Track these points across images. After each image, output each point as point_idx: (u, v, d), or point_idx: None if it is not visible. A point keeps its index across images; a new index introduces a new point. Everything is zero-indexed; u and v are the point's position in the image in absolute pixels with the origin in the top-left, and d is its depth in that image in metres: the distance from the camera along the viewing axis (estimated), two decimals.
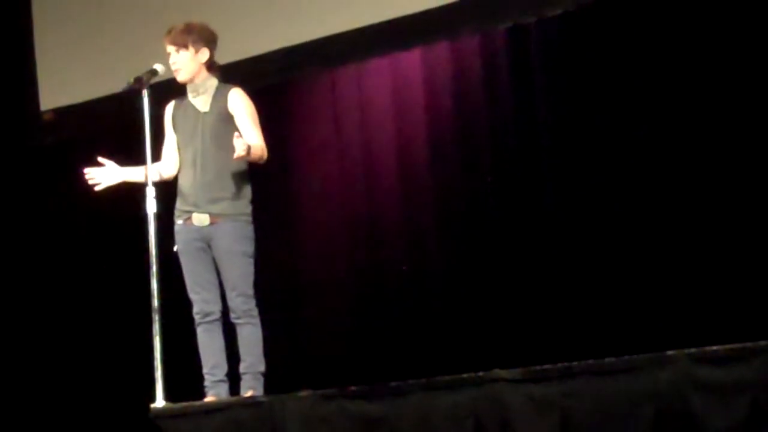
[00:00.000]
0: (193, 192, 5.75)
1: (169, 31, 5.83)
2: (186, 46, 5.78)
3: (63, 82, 7.90)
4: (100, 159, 5.89)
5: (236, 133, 5.57)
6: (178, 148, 5.85)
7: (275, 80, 7.24)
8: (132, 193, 5.89)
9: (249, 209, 5.78)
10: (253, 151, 5.60)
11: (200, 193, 5.73)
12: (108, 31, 7.76)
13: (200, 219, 5.73)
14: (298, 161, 7.37)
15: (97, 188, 5.93)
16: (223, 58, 6.01)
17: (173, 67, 5.80)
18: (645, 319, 6.09)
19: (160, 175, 5.85)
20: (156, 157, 5.81)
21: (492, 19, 6.72)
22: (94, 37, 7.80)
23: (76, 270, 7.96)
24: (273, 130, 6.03)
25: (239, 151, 5.49)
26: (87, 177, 5.90)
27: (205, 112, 5.78)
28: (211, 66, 5.84)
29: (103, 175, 5.90)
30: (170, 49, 5.81)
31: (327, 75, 7.32)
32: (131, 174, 5.89)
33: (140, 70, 5.76)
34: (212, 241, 5.72)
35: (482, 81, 6.85)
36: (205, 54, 5.79)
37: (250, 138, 5.69)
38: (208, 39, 5.82)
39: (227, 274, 5.71)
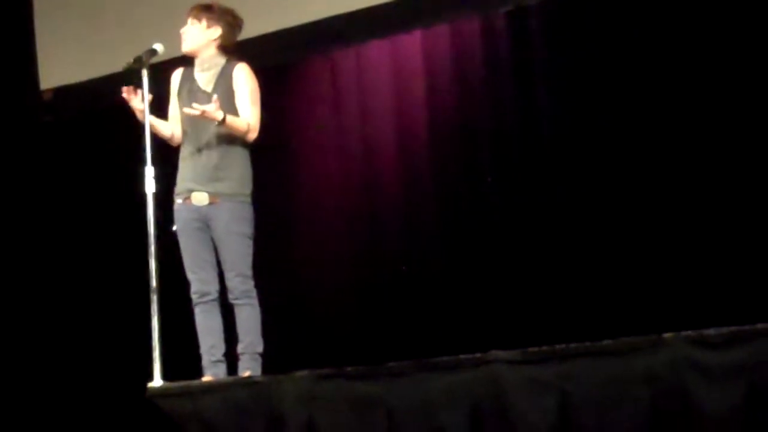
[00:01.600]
0: (194, 171, 5.74)
1: (193, 6, 5.82)
2: (200, 20, 5.77)
3: (63, 62, 7.89)
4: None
5: (214, 97, 5.55)
6: (181, 122, 5.84)
7: (276, 61, 7.23)
8: (132, 172, 5.87)
9: (249, 190, 5.76)
10: (231, 121, 5.58)
11: (200, 172, 5.72)
12: (108, 11, 7.76)
13: (200, 198, 5.72)
14: (297, 142, 7.37)
15: (128, 99, 5.75)
16: None
17: (182, 37, 5.79)
18: (643, 302, 6.11)
19: (173, 133, 5.82)
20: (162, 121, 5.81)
21: (493, 1, 6.72)
22: (94, 16, 7.80)
23: (75, 249, 7.97)
24: (273, 111, 6.02)
25: (207, 107, 5.48)
26: (126, 91, 5.76)
27: (207, 92, 5.76)
28: (223, 47, 5.80)
29: (137, 100, 5.75)
30: (188, 22, 5.80)
31: (327, 57, 7.32)
32: (154, 121, 5.76)
33: (140, 50, 5.73)
34: (211, 221, 5.71)
35: (482, 63, 6.86)
36: (216, 31, 5.77)
37: (244, 113, 5.68)
38: (227, 21, 5.79)
39: (226, 255, 5.70)
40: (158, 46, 5.74)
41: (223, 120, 5.57)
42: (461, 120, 6.93)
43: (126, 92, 5.71)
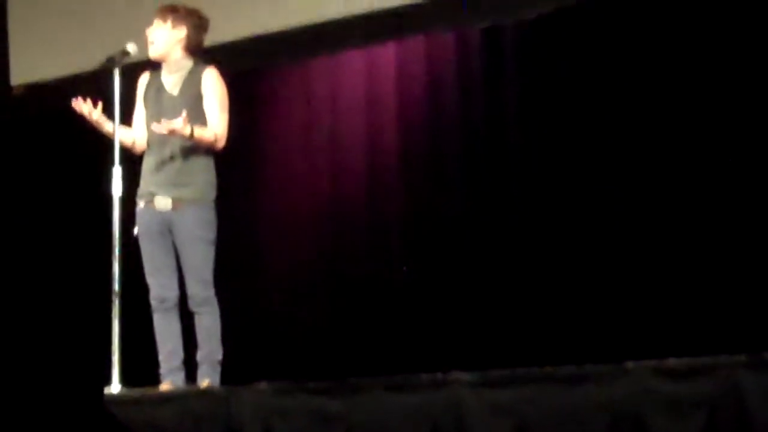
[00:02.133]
0: (157, 175, 5.70)
1: (159, 8, 5.80)
2: (165, 20, 5.74)
3: (35, 58, 7.85)
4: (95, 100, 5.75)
5: (183, 112, 5.53)
6: (146, 126, 5.81)
7: (247, 67, 7.22)
8: (100, 172, 5.83)
9: (213, 195, 5.72)
10: (199, 135, 5.55)
11: (164, 176, 5.67)
12: (82, 9, 7.72)
13: (163, 203, 5.67)
14: (265, 149, 7.35)
15: (76, 108, 5.74)
16: None
17: (148, 40, 5.76)
18: (606, 330, 6.12)
19: (134, 141, 5.79)
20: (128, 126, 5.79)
21: (468, 18, 6.73)
22: (68, 14, 7.76)
23: (39, 248, 7.91)
24: (242, 117, 5.99)
25: (176, 125, 5.46)
26: (75, 103, 5.73)
27: (174, 96, 5.73)
28: (190, 48, 5.77)
29: (90, 110, 5.73)
30: (154, 23, 5.77)
31: (300, 65, 7.30)
32: (109, 126, 5.73)
33: (113, 50, 5.71)
34: (174, 226, 5.66)
35: (455, 78, 6.87)
36: (182, 32, 5.73)
37: (212, 120, 5.66)
38: (193, 22, 5.75)
39: (187, 260, 5.66)
40: (131, 47, 5.72)
41: (191, 135, 5.54)
42: (432, 131, 6.93)
43: (76, 104, 5.67)
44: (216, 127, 5.66)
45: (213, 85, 5.70)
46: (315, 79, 7.27)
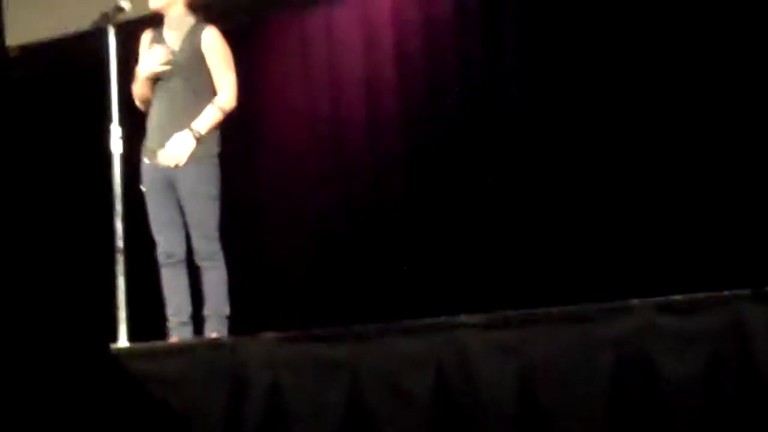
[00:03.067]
0: (160, 130, 5.70)
1: None
2: None
3: (30, 19, 7.83)
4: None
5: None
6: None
7: (244, 21, 7.19)
8: (101, 131, 5.83)
9: (216, 151, 5.73)
10: (207, 126, 5.60)
11: (166, 132, 5.68)
12: None
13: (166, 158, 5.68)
14: (265, 103, 7.33)
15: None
16: None
17: None
18: (610, 268, 6.13)
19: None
20: (128, 94, 5.77)
21: None
22: None
23: (41, 209, 7.92)
24: (241, 72, 5.98)
25: (183, 145, 5.56)
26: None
27: (175, 51, 5.72)
28: (191, 4, 5.76)
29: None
30: None
31: (296, 17, 7.27)
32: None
33: (107, 7, 5.68)
34: (177, 182, 5.67)
35: (452, 25, 6.82)
36: None
37: (220, 81, 5.66)
38: None
39: (191, 216, 5.67)
40: (124, 3, 5.71)
41: (200, 137, 5.59)
42: (430, 80, 6.91)
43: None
44: (225, 87, 5.67)
45: (215, 45, 5.70)
46: (311, 30, 7.24)
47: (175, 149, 5.59)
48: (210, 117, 5.64)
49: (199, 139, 5.60)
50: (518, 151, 6.57)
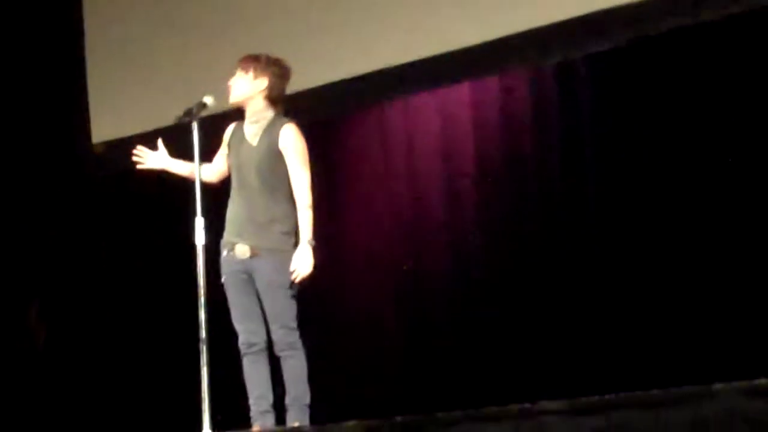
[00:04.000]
0: (237, 223, 5.77)
1: (242, 58, 5.87)
2: (246, 71, 5.81)
3: (114, 115, 7.98)
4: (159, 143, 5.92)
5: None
6: (230, 172, 5.88)
7: (324, 115, 7.29)
8: (183, 223, 5.92)
9: (292, 242, 5.75)
10: (308, 230, 5.68)
11: (243, 224, 5.75)
12: (159, 64, 7.85)
13: (242, 251, 5.74)
14: (344, 196, 7.40)
15: (139, 166, 5.96)
16: None
17: (229, 88, 5.84)
18: (690, 351, 6.08)
19: (201, 175, 5.82)
20: (211, 187, 5.87)
21: (541, 54, 6.74)
22: (146, 69, 7.89)
23: (127, 301, 8.01)
24: (321, 164, 6.06)
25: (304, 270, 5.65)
26: (136, 153, 5.91)
27: (253, 145, 5.80)
28: (271, 98, 5.82)
29: (151, 157, 5.95)
30: (236, 73, 5.85)
31: (375, 110, 7.36)
32: (177, 166, 5.93)
33: (191, 103, 5.78)
34: (254, 273, 5.73)
35: (530, 116, 6.88)
36: (263, 83, 5.77)
37: (296, 177, 5.72)
38: (274, 72, 5.79)
39: (269, 307, 5.71)
40: (208, 99, 5.77)
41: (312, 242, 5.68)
42: (508, 172, 6.95)
43: (137, 155, 5.79)
44: (303, 185, 5.72)
45: (293, 142, 5.75)
46: (390, 123, 7.32)
47: (299, 265, 5.65)
48: (308, 220, 5.72)
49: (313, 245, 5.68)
50: (600, 237, 6.57)
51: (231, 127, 5.93)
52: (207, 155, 5.82)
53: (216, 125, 5.95)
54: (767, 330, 5.93)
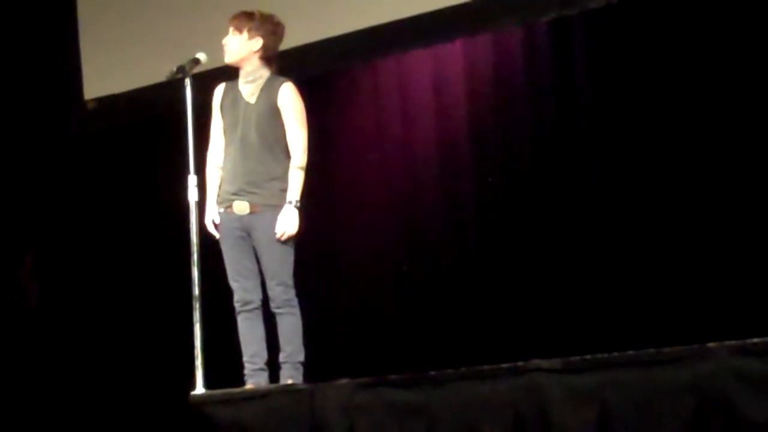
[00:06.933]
0: (235, 180, 5.76)
1: (234, 15, 5.83)
2: (241, 30, 5.77)
3: (106, 72, 7.95)
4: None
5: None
6: (224, 133, 5.86)
7: (317, 72, 7.26)
8: (176, 180, 5.91)
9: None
10: (298, 190, 5.66)
11: (241, 181, 5.73)
12: (152, 20, 7.81)
13: (240, 207, 5.73)
14: (338, 153, 7.38)
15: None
16: None
17: (224, 48, 5.81)
18: (686, 311, 6.09)
19: (216, 162, 5.84)
20: (203, 144, 5.83)
21: (535, 11, 6.71)
22: (138, 26, 7.85)
23: (118, 258, 8.01)
24: (314, 121, 6.04)
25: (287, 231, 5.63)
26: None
27: (251, 103, 5.78)
28: (266, 57, 5.80)
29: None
30: (229, 31, 5.81)
31: (368, 67, 7.33)
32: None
33: (183, 60, 5.76)
34: (252, 230, 5.72)
35: (524, 73, 6.85)
36: (258, 42, 5.75)
37: (293, 137, 5.71)
38: (268, 30, 5.77)
39: (267, 264, 5.71)
40: (201, 56, 5.78)
41: (298, 206, 5.65)
42: (501, 129, 6.93)
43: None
44: (299, 144, 5.72)
45: (291, 100, 5.74)
46: (383, 80, 7.29)
47: (284, 226, 5.65)
48: (298, 181, 5.71)
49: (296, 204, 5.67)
50: (595, 194, 6.56)
51: (219, 90, 5.90)
52: (199, 111, 5.77)
53: (210, 83, 5.92)
54: (761, 289, 5.93)
